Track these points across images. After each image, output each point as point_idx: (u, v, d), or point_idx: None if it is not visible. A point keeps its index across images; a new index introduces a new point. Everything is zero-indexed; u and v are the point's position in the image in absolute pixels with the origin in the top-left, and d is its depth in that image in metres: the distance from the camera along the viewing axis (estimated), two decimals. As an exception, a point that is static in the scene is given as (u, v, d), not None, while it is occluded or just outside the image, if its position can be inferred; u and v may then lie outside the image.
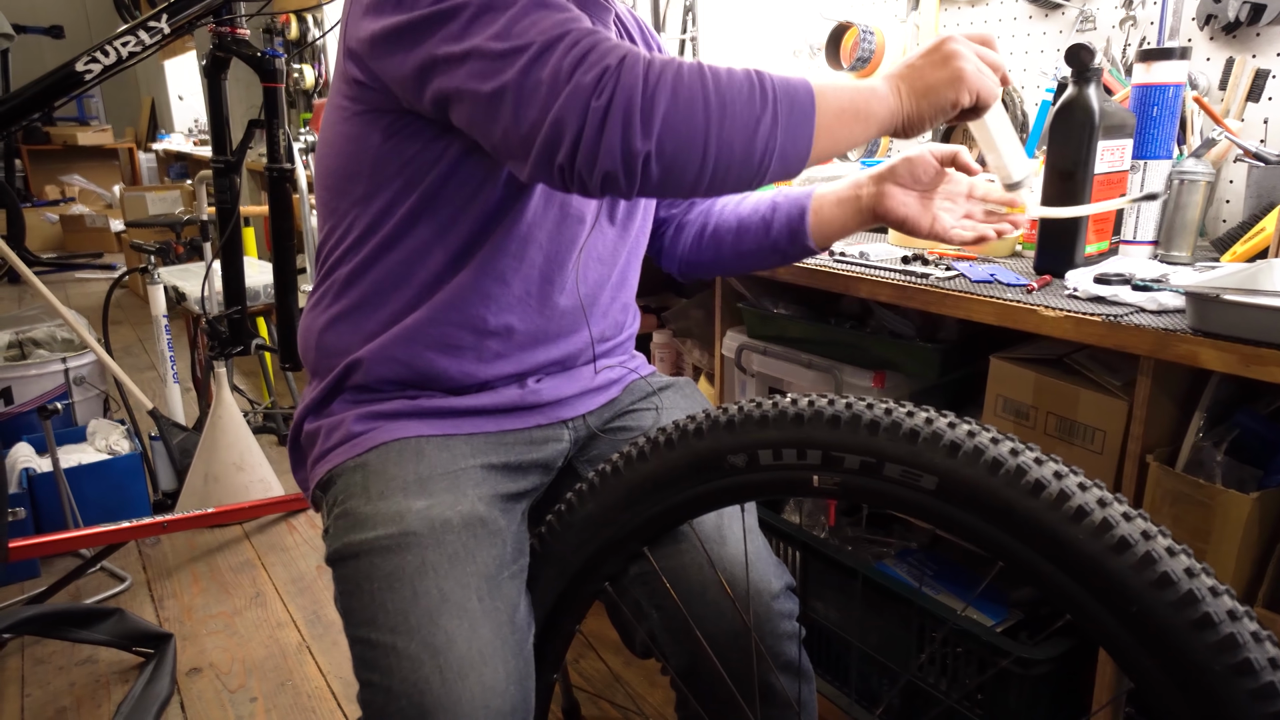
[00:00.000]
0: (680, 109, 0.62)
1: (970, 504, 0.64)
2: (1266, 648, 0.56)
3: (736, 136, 0.64)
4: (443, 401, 0.83)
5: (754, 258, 1.01)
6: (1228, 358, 0.79)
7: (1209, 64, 1.30)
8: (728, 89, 0.64)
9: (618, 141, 0.62)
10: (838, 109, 0.69)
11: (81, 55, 1.45)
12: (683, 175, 0.65)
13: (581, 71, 0.62)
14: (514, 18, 0.65)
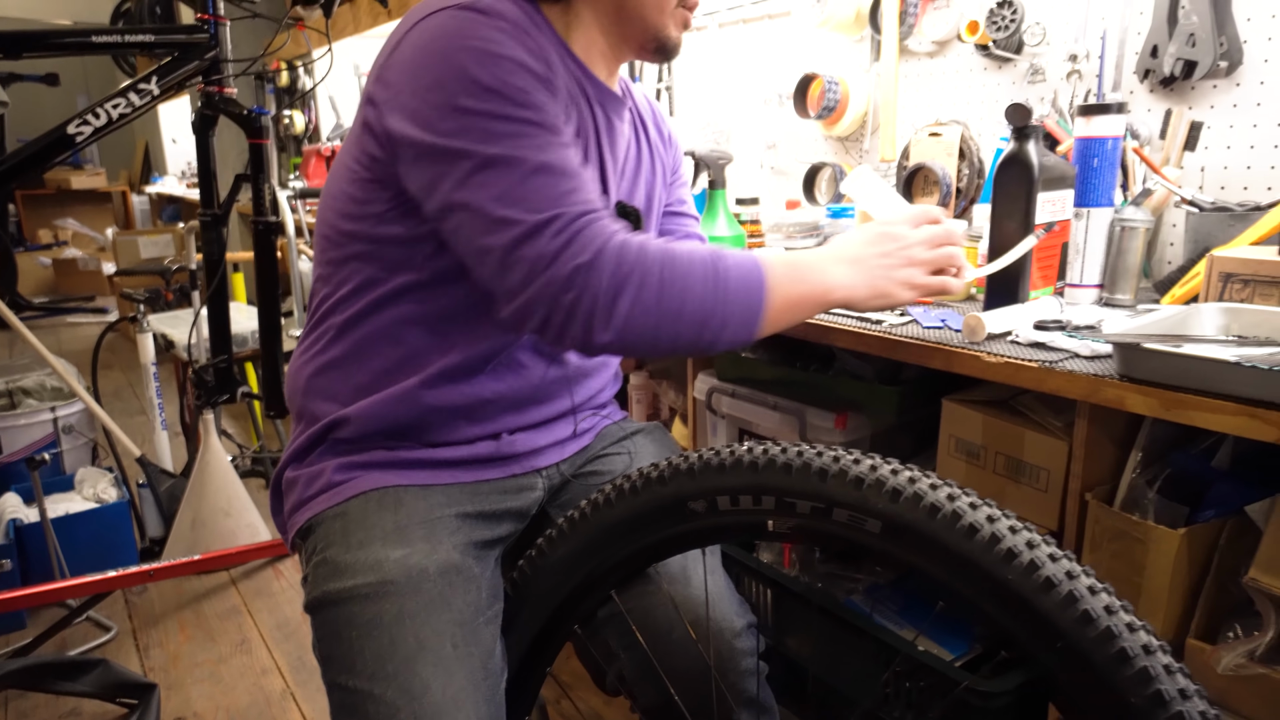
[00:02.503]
0: (640, 310, 0.72)
1: (912, 546, 0.68)
2: (1177, 679, 0.60)
3: (688, 332, 0.74)
4: (421, 453, 0.87)
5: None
6: (1151, 402, 0.84)
7: (1150, 115, 1.37)
8: (686, 292, 0.73)
9: (579, 332, 0.72)
10: (788, 303, 0.78)
11: (73, 118, 1.50)
12: (636, 354, 0.79)
13: (559, 264, 0.71)
14: (515, 183, 0.72)
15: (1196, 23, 1.24)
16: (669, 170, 1.09)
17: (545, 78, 0.77)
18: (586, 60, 0.88)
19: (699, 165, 1.79)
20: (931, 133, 1.68)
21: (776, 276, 0.77)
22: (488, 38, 0.75)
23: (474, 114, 0.73)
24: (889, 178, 1.81)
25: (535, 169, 0.73)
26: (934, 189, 1.66)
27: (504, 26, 0.76)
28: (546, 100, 0.76)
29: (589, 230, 0.72)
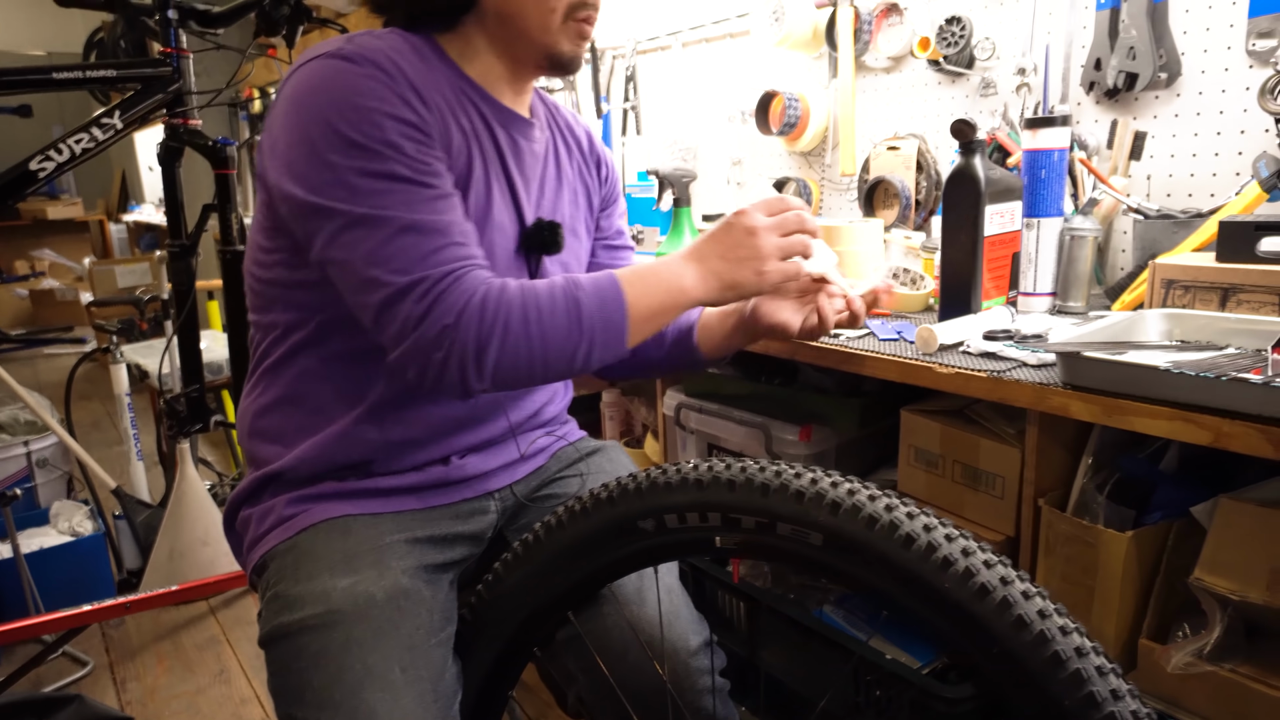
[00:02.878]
0: (509, 356, 0.76)
1: (852, 558, 0.69)
2: (1110, 680, 0.62)
3: (558, 363, 0.79)
4: (370, 483, 0.88)
5: (653, 365, 1.09)
6: (1093, 409, 0.86)
7: (1097, 125, 1.40)
8: (550, 328, 0.77)
9: (455, 383, 0.76)
10: (648, 314, 0.81)
11: (35, 154, 1.51)
12: (515, 389, 0.87)
13: (426, 326, 0.74)
14: (381, 243, 0.74)
15: (1135, 36, 1.27)
16: (600, 198, 1.08)
17: (417, 124, 0.77)
18: (486, 84, 0.88)
19: (663, 184, 1.81)
20: (890, 146, 1.71)
21: (633, 291, 0.80)
22: (354, 89, 0.75)
23: (341, 170, 0.75)
24: (850, 192, 1.84)
25: (401, 228, 0.75)
26: (894, 201, 1.69)
27: (372, 75, 0.76)
28: (417, 150, 0.77)
29: (453, 290, 0.75)
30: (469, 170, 0.85)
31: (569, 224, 0.98)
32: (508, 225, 0.89)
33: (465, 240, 0.78)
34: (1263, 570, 0.84)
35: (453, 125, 0.84)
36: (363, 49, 0.78)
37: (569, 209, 1.00)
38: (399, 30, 0.86)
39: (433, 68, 0.84)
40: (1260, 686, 0.84)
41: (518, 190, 0.90)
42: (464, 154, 0.84)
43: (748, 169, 2.10)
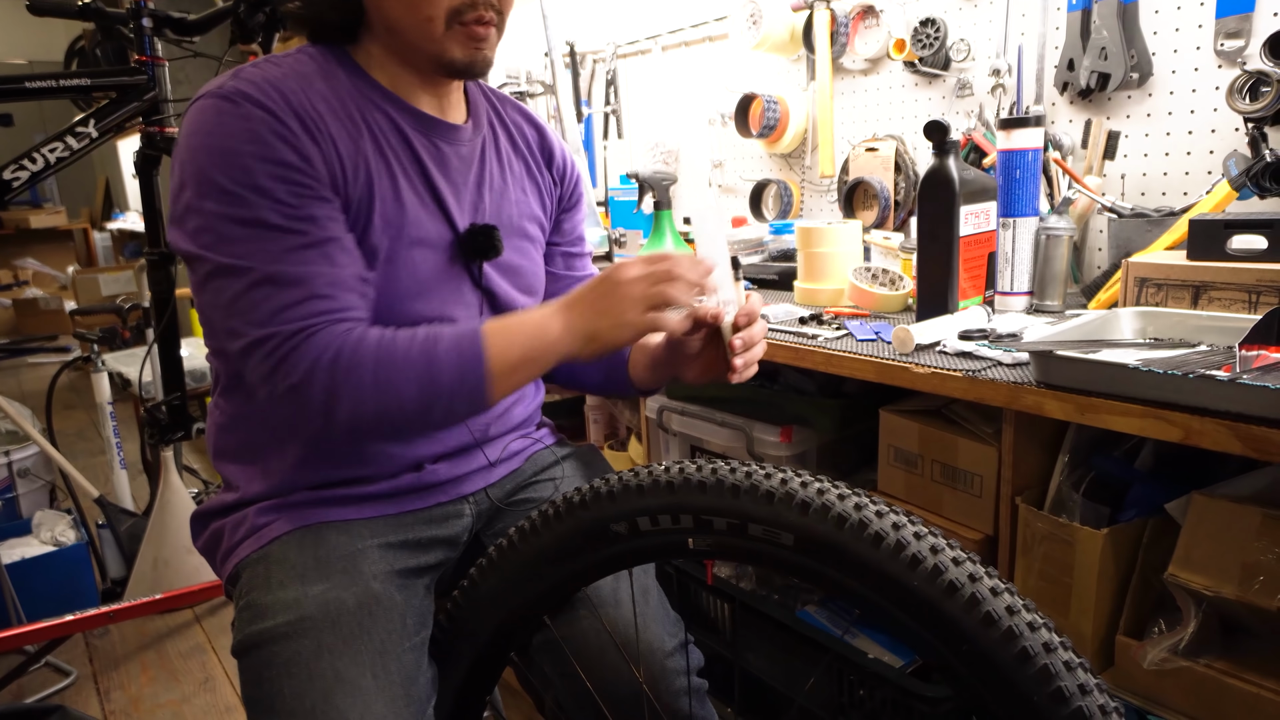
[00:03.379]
0: (359, 412, 0.76)
1: (823, 557, 0.69)
2: (1078, 675, 0.62)
3: (415, 418, 0.78)
4: (342, 490, 0.88)
5: (591, 389, 1.10)
6: (1067, 407, 0.87)
7: (1072, 125, 1.41)
8: (402, 387, 0.76)
9: (314, 431, 0.78)
10: (511, 366, 0.79)
11: (9, 164, 1.50)
12: (379, 439, 0.87)
13: (274, 383, 0.76)
14: (240, 293, 0.75)
15: (1107, 37, 1.28)
16: (557, 196, 1.05)
17: (293, 164, 0.76)
18: (401, 91, 0.87)
19: (644, 187, 1.81)
20: (868, 148, 1.71)
21: (496, 345, 0.78)
22: (228, 132, 0.75)
23: (210, 216, 0.75)
24: (830, 193, 1.85)
25: (261, 280, 0.75)
26: (873, 202, 1.70)
27: (247, 116, 0.75)
28: (290, 194, 0.76)
29: (303, 347, 0.75)
30: (375, 183, 0.83)
31: (514, 226, 0.96)
32: (435, 235, 0.87)
33: (330, 292, 0.77)
34: (1235, 566, 0.84)
35: (360, 138, 0.82)
36: (245, 85, 0.77)
37: (515, 210, 0.97)
38: (309, 47, 0.86)
39: (338, 82, 0.83)
40: (1235, 681, 0.85)
41: (444, 198, 0.88)
42: (366, 168, 0.82)
43: (729, 171, 2.11)
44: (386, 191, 0.84)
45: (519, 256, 0.96)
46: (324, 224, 0.78)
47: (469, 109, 0.95)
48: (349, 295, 0.79)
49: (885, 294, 1.32)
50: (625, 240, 2.09)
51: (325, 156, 0.79)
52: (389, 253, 0.84)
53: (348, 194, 0.81)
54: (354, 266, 0.80)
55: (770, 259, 1.69)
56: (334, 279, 0.78)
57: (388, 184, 0.84)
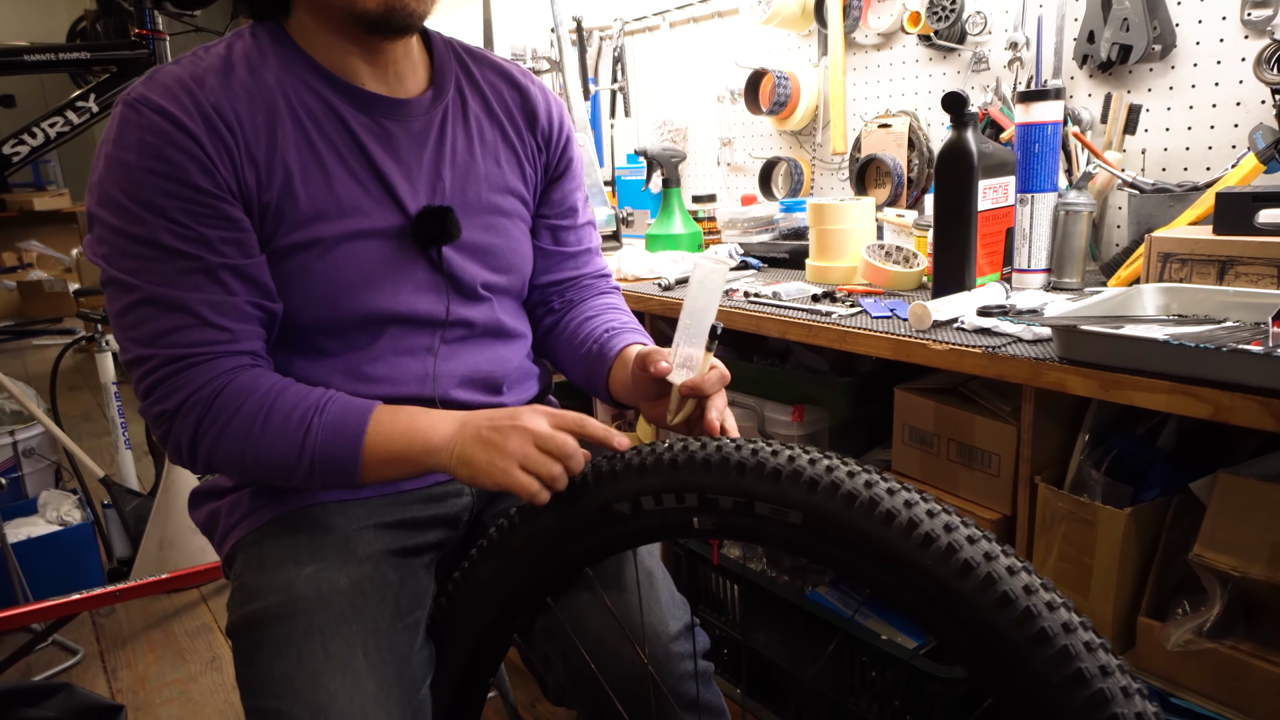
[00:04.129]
0: (221, 457, 0.76)
1: (832, 536, 0.67)
2: (1099, 656, 0.59)
3: (274, 476, 0.78)
4: None
5: (579, 384, 1.01)
6: (1090, 384, 0.84)
7: (1091, 99, 1.38)
8: (270, 450, 0.75)
9: (172, 457, 0.78)
10: (385, 459, 0.76)
11: (8, 138, 1.48)
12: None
13: (148, 405, 0.76)
14: (128, 307, 0.75)
15: (1129, 7, 1.24)
16: (538, 165, 0.96)
17: (190, 182, 0.73)
18: (337, 65, 0.82)
19: (652, 164, 1.78)
20: (881, 124, 1.68)
21: (378, 433, 0.75)
22: (129, 144, 0.73)
23: (108, 228, 0.74)
24: (841, 171, 1.81)
25: (144, 300, 0.74)
26: (886, 180, 1.67)
27: (149, 126, 0.72)
28: (184, 213, 0.73)
29: (181, 377, 0.74)
30: (300, 177, 0.79)
31: (484, 202, 0.90)
32: (382, 222, 0.83)
33: (217, 321, 0.75)
34: (1263, 546, 0.82)
35: (281, 132, 0.78)
36: (154, 89, 0.74)
37: (485, 184, 0.90)
38: (245, 30, 0.82)
39: (266, 69, 0.79)
40: (1261, 663, 0.83)
41: (390, 181, 0.83)
42: (285, 166, 0.78)
43: (738, 149, 2.07)
44: (317, 182, 0.80)
45: (489, 235, 0.90)
46: (218, 247, 0.75)
47: (432, 75, 0.89)
48: (241, 325, 0.77)
49: (899, 271, 1.29)
50: (633, 219, 2.06)
51: (235, 162, 0.76)
52: (328, 246, 0.80)
53: (263, 199, 0.78)
54: (249, 294, 0.77)
55: (781, 237, 1.66)
56: (224, 306, 0.76)
57: (318, 174, 0.80)
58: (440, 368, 0.88)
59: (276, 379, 0.77)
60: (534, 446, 0.71)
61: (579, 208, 1.02)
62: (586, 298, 1.02)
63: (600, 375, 0.93)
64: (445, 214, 0.85)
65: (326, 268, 0.80)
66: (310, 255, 0.80)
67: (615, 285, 1.06)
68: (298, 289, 0.80)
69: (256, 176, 0.77)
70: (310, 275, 0.80)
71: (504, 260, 0.92)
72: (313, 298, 0.81)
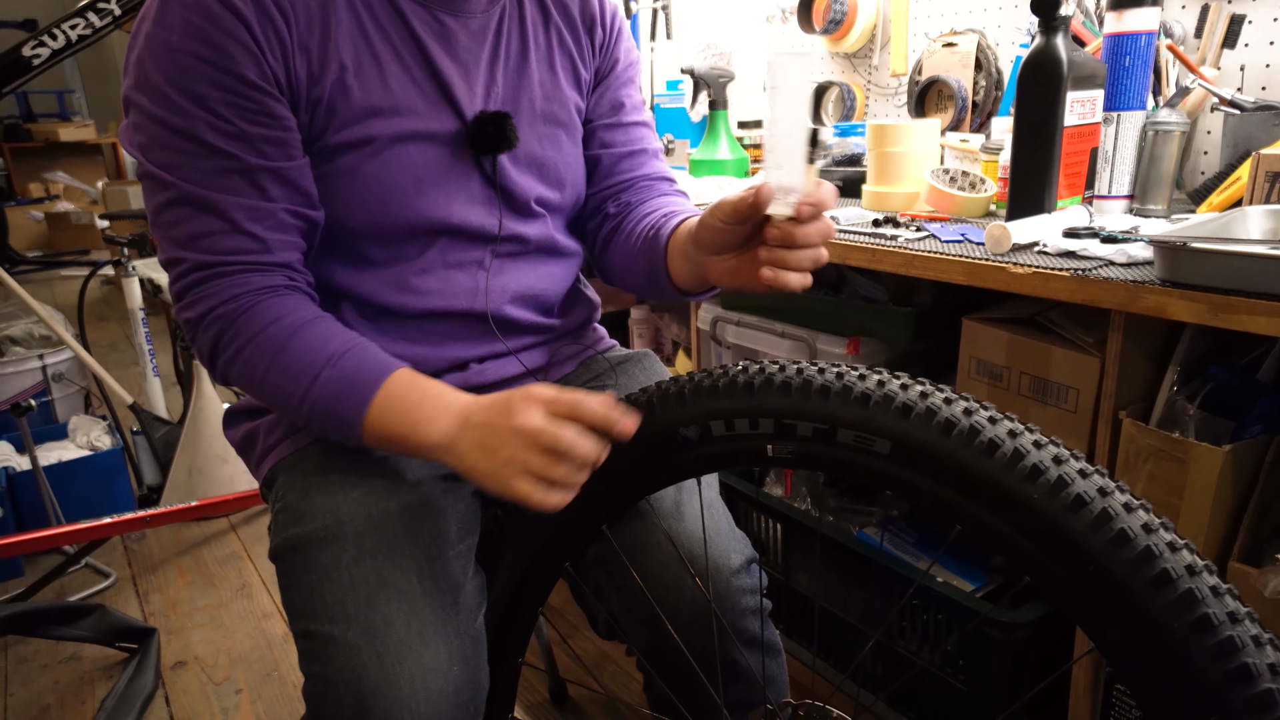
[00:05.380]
0: (235, 375, 0.72)
1: (925, 467, 0.61)
2: (1226, 601, 0.54)
3: (278, 407, 0.74)
4: None
5: (637, 288, 0.92)
6: (1197, 308, 0.76)
7: (1184, 11, 1.26)
8: (277, 381, 0.70)
9: (204, 362, 0.74)
10: (382, 436, 0.70)
11: (28, 40, 1.41)
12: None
13: (180, 307, 0.73)
14: (164, 204, 0.71)
15: (1242, -100, 1.12)
16: (595, 63, 0.90)
17: (236, 72, 0.68)
18: None
19: (698, 84, 1.69)
20: (946, 43, 1.57)
21: (380, 406, 0.68)
22: (173, 23, 0.67)
23: (146, 116, 0.69)
24: (899, 96, 1.71)
25: (180, 198, 0.70)
26: (948, 104, 1.56)
27: (199, 6, 0.66)
28: (227, 107, 0.68)
29: (207, 286, 0.71)
30: (355, 72, 0.73)
31: (537, 110, 0.84)
32: (438, 125, 0.77)
33: (251, 228, 0.70)
34: (1374, 491, 0.75)
35: (337, 22, 0.72)
36: None
37: (539, 91, 0.84)
38: None
39: None
40: (1360, 616, 0.77)
41: (447, 82, 0.77)
42: (340, 59, 0.72)
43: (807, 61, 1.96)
44: (371, 78, 0.74)
45: (542, 147, 0.85)
46: (260, 147, 0.70)
47: None
48: (276, 234, 0.72)
49: (967, 197, 1.21)
50: (674, 148, 1.97)
51: (286, 51, 0.70)
52: (380, 146, 0.74)
53: (314, 93, 0.72)
54: (288, 200, 0.72)
55: (834, 163, 1.57)
56: (260, 213, 0.71)
57: (373, 69, 0.74)
58: (491, 283, 0.83)
59: (303, 312, 0.72)
60: (534, 449, 0.62)
61: (626, 104, 0.93)
62: (647, 199, 0.92)
63: (659, 258, 0.83)
64: (504, 120, 0.79)
65: (378, 169, 0.75)
66: (361, 155, 0.74)
67: (681, 190, 0.95)
68: (346, 191, 0.75)
69: (309, 68, 0.71)
70: (360, 177, 0.74)
71: (557, 174, 0.87)
72: (362, 201, 0.75)
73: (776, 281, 0.67)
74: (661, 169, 0.96)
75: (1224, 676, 0.52)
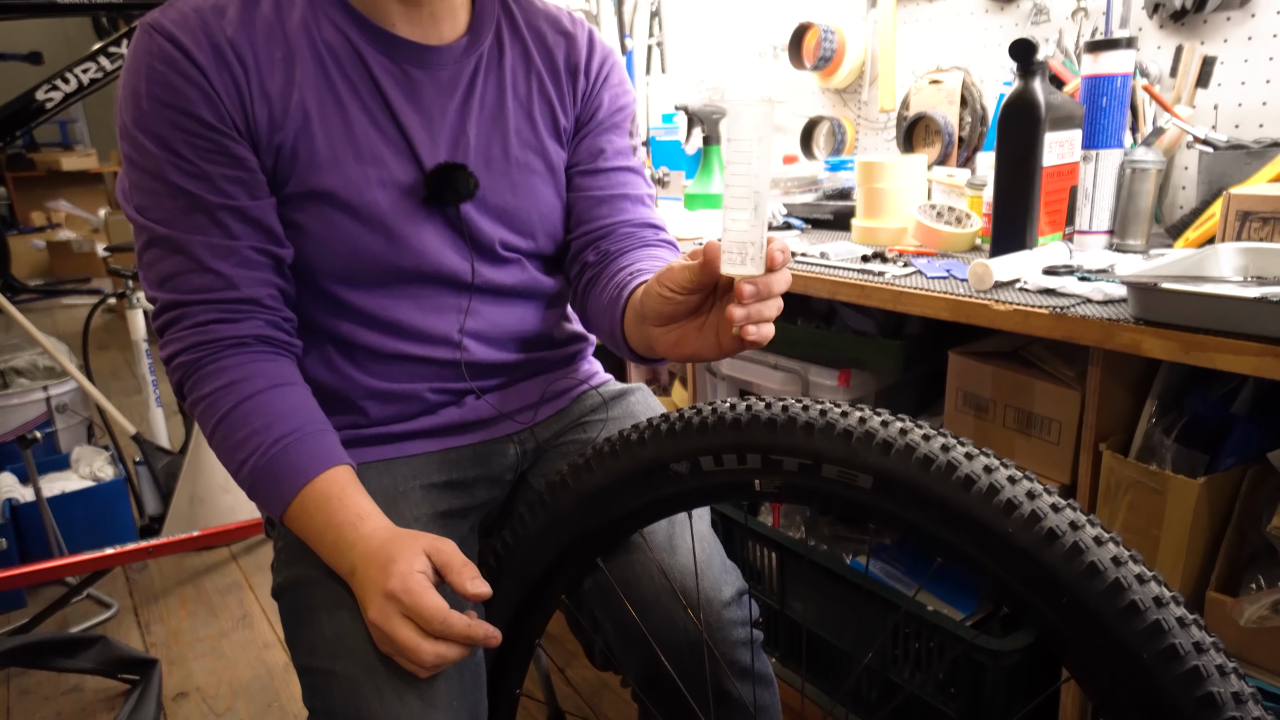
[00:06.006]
0: (199, 422, 0.75)
1: (905, 501, 0.64)
2: (1192, 632, 0.56)
3: (226, 467, 0.75)
4: (382, 429, 0.84)
5: (607, 341, 0.88)
6: (1169, 345, 0.79)
7: (1159, 52, 1.31)
8: (221, 445, 0.74)
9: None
10: (303, 531, 0.72)
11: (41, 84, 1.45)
12: None
13: (159, 344, 0.77)
14: (142, 247, 0.75)
15: (1210, -51, 1.17)
16: (575, 110, 0.89)
17: (195, 114, 0.71)
18: (368, 7, 0.78)
19: (693, 121, 1.73)
20: (932, 80, 1.62)
21: (293, 518, 0.72)
22: (143, 72, 0.71)
23: (126, 161, 0.74)
24: (887, 130, 1.75)
25: (154, 239, 0.74)
26: (935, 139, 1.61)
27: (163, 54, 0.70)
28: (191, 148, 0.72)
29: (174, 329, 0.74)
30: (318, 120, 0.75)
31: (510, 158, 0.84)
32: (399, 173, 0.79)
33: (215, 265, 0.73)
34: (1345, 521, 0.78)
35: (300, 72, 0.75)
36: (169, 15, 0.72)
37: (517, 139, 0.85)
38: None
39: (292, 4, 0.76)
40: (1335, 643, 0.79)
41: (408, 130, 0.79)
42: (304, 107, 0.75)
43: (779, 107, 2.01)
44: (335, 126, 0.76)
45: (515, 195, 0.85)
46: (221, 185, 0.73)
47: (471, 21, 0.84)
48: (242, 270, 0.74)
49: (952, 232, 1.24)
50: (669, 180, 2.01)
51: (243, 97, 0.73)
52: (346, 192, 0.77)
53: (276, 139, 0.75)
54: (253, 238, 0.75)
55: (825, 197, 1.61)
56: (223, 250, 0.73)
57: (337, 118, 0.76)
58: (470, 324, 0.85)
59: (255, 381, 0.73)
60: (413, 629, 0.64)
61: (607, 150, 0.91)
62: (627, 249, 0.88)
63: (617, 320, 0.81)
64: (457, 171, 0.80)
65: (346, 216, 0.77)
66: (328, 201, 0.77)
67: (668, 240, 0.93)
68: (317, 236, 0.77)
69: (270, 114, 0.74)
70: (327, 222, 0.77)
71: (526, 222, 0.87)
72: (332, 247, 0.78)
73: (759, 337, 0.65)
74: (645, 215, 0.92)
75: (1192, 704, 0.55)
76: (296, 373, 0.78)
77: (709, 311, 0.68)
